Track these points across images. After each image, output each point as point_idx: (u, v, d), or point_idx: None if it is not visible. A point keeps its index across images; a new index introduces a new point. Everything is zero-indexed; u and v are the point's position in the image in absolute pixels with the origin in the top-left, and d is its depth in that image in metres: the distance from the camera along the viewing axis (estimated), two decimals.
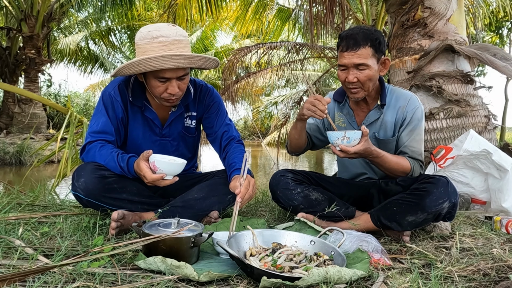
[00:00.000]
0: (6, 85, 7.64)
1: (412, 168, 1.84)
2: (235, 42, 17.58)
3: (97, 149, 1.72)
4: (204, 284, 1.20)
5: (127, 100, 1.81)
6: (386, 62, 1.84)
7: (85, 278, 1.16)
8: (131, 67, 1.63)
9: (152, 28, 1.64)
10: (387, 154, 1.79)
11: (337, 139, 1.69)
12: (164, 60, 1.58)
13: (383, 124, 1.90)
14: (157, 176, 1.57)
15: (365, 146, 1.68)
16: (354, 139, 1.67)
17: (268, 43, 8.26)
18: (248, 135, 23.28)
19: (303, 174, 1.97)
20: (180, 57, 1.60)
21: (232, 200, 1.87)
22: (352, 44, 1.75)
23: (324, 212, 1.79)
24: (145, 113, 1.83)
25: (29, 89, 10.73)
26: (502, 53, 3.05)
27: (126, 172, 1.67)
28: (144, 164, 1.57)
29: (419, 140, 1.88)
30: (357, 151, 1.67)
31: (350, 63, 1.76)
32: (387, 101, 1.90)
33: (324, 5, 4.07)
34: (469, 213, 2.24)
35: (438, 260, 1.46)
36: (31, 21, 10.52)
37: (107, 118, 1.77)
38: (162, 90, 1.68)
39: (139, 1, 11.79)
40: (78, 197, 1.69)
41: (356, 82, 1.78)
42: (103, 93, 1.82)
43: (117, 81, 1.82)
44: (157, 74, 1.64)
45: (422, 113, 1.89)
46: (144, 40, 1.64)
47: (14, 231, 1.54)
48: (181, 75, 1.67)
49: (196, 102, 1.94)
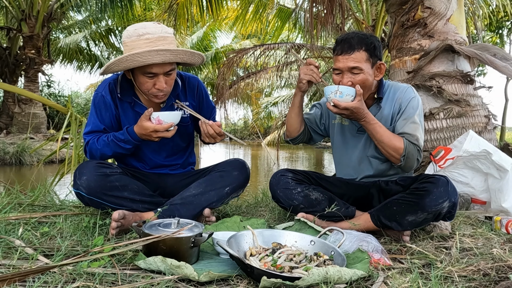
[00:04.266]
0: (6, 85, 7.66)
1: (405, 148, 1.76)
2: (236, 42, 17.59)
3: (95, 143, 1.80)
4: (204, 284, 1.20)
5: (116, 98, 1.86)
6: (381, 67, 1.84)
7: (85, 278, 1.16)
8: (119, 63, 1.67)
9: (138, 27, 1.70)
10: (381, 125, 1.80)
11: (331, 92, 1.75)
12: (150, 55, 1.63)
13: (382, 118, 1.89)
14: (167, 125, 1.70)
15: (357, 105, 1.72)
16: (347, 94, 1.73)
17: (266, 44, 8.27)
18: (248, 135, 23.27)
19: (303, 174, 1.97)
20: (166, 52, 1.66)
21: (230, 192, 1.90)
22: (346, 48, 1.76)
23: (324, 212, 1.79)
24: (135, 108, 1.87)
25: (29, 89, 10.72)
26: (502, 53, 3.05)
27: (129, 140, 1.75)
28: (148, 123, 1.69)
29: (413, 127, 1.82)
30: (348, 107, 1.72)
31: (344, 67, 1.77)
32: (385, 95, 1.90)
33: (324, 5, 4.07)
34: (469, 213, 2.24)
35: (438, 260, 1.46)
36: (31, 21, 10.52)
37: (95, 118, 1.85)
38: (150, 86, 1.73)
39: (139, 1, 11.78)
40: (79, 195, 1.71)
41: (351, 86, 1.77)
42: (94, 94, 1.88)
43: (107, 80, 1.88)
44: (144, 70, 1.69)
45: (417, 103, 1.87)
46: (131, 38, 1.69)
47: (14, 231, 1.54)
48: (168, 70, 1.71)
49: (186, 91, 1.98)
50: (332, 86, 1.77)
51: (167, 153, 2.00)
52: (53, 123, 12.51)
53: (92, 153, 1.82)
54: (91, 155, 1.84)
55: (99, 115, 1.85)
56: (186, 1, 6.99)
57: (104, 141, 1.79)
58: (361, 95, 1.73)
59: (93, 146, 1.80)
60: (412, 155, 1.78)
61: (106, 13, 11.73)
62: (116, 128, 1.88)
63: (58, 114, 13.51)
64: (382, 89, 1.90)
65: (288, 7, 9.35)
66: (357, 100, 1.72)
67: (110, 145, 1.77)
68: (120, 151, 1.79)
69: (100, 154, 1.81)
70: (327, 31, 4.51)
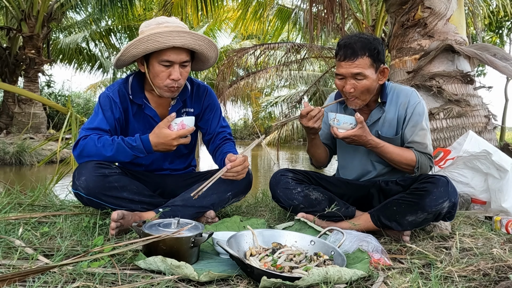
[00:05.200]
0: (6, 85, 7.65)
1: (417, 159, 1.80)
2: (236, 43, 17.59)
3: (96, 141, 1.69)
4: (204, 284, 1.20)
5: (126, 101, 1.84)
6: (384, 71, 1.81)
7: (85, 278, 1.16)
8: (139, 44, 1.66)
9: (157, 18, 1.75)
10: (388, 145, 1.79)
11: (330, 119, 1.76)
12: (172, 35, 1.64)
13: (386, 122, 1.89)
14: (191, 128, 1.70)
15: (358, 133, 1.69)
16: (344, 122, 1.71)
17: (265, 44, 8.27)
18: (248, 135, 23.26)
19: (303, 174, 1.97)
20: (187, 35, 1.68)
21: (232, 197, 1.89)
22: (349, 54, 1.72)
23: (324, 212, 1.79)
24: (145, 110, 1.85)
25: (29, 89, 10.71)
26: (502, 53, 3.05)
27: (141, 149, 1.69)
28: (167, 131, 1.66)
29: (422, 135, 1.84)
30: (347, 136, 1.71)
31: (347, 73, 1.74)
32: (388, 99, 1.88)
33: (323, 4, 4.07)
34: (469, 213, 2.24)
35: (438, 260, 1.46)
36: (31, 21, 10.51)
37: (102, 117, 1.79)
38: (165, 76, 1.72)
39: (139, 1, 11.78)
40: (78, 196, 1.69)
41: (353, 92, 1.77)
42: (100, 96, 1.85)
43: (116, 85, 1.85)
44: (161, 57, 1.68)
45: (423, 108, 1.87)
46: (149, 26, 1.72)
47: (14, 231, 1.54)
48: (184, 60, 1.72)
49: (193, 98, 1.96)
50: (330, 113, 1.75)
51: (170, 159, 2.01)
52: (53, 123, 12.50)
53: (85, 148, 1.69)
54: (81, 151, 1.70)
55: (105, 114, 1.79)
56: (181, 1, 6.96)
57: (108, 141, 1.69)
58: (362, 122, 1.69)
59: (91, 142, 1.69)
60: (424, 164, 1.83)
61: (106, 13, 11.73)
62: (118, 133, 1.84)
63: (58, 114, 13.51)
64: (385, 92, 1.88)
65: (288, 7, 9.36)
66: (358, 128, 1.69)
67: (113, 147, 1.68)
68: (122, 157, 1.71)
69: (96, 152, 1.68)
70: (327, 30, 4.51)
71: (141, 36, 1.66)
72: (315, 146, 1.96)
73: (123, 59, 1.74)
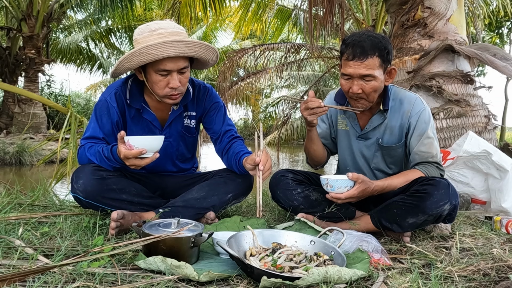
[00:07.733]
0: (6, 85, 7.65)
1: (426, 175, 1.76)
2: (236, 43, 17.59)
3: (86, 150, 1.72)
4: (204, 284, 1.20)
5: (123, 105, 1.80)
6: (392, 71, 1.75)
7: (85, 278, 1.16)
8: (132, 58, 1.61)
9: (150, 23, 1.67)
10: (392, 180, 1.73)
11: (324, 185, 1.66)
12: (165, 46, 1.57)
13: (388, 129, 1.84)
14: (135, 151, 1.50)
15: (359, 190, 1.61)
16: (338, 187, 1.60)
17: (266, 44, 8.28)
18: (248, 135, 23.26)
19: (304, 174, 1.96)
20: (181, 43, 1.60)
21: (232, 199, 1.88)
22: (359, 53, 1.64)
23: (324, 212, 1.79)
24: (144, 115, 1.82)
25: (29, 89, 10.72)
26: (502, 53, 3.05)
27: (113, 161, 1.63)
28: (122, 146, 1.53)
29: (428, 144, 1.79)
30: (349, 196, 1.61)
31: (355, 73, 1.66)
32: (391, 106, 1.82)
33: (323, 5, 4.07)
34: (469, 213, 2.24)
35: (438, 260, 1.46)
36: (31, 21, 10.52)
37: (96, 124, 1.77)
38: (163, 85, 1.66)
39: (139, 1, 11.79)
40: (77, 199, 1.69)
41: (361, 93, 1.70)
42: (98, 101, 1.82)
43: (113, 87, 1.81)
44: (157, 67, 1.63)
45: (428, 115, 1.81)
46: (143, 34, 1.64)
47: (14, 231, 1.54)
48: (181, 67, 1.66)
49: (195, 101, 1.93)
50: (323, 178, 1.65)
51: (172, 162, 1.99)
52: (53, 123, 12.50)
53: (80, 158, 1.75)
54: (78, 161, 1.76)
55: (99, 121, 1.77)
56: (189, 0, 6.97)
57: (95, 150, 1.70)
58: (358, 178, 1.60)
59: (83, 152, 1.72)
60: (434, 174, 1.78)
61: (106, 13, 11.73)
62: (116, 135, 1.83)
63: (58, 114, 13.51)
64: (388, 98, 1.81)
65: (288, 7, 9.36)
66: (355, 188, 1.61)
67: (97, 157, 1.68)
68: (106, 166, 1.69)
69: (88, 162, 1.71)
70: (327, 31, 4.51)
71: (133, 50, 1.60)
72: (311, 141, 1.90)
73: (118, 72, 1.70)
